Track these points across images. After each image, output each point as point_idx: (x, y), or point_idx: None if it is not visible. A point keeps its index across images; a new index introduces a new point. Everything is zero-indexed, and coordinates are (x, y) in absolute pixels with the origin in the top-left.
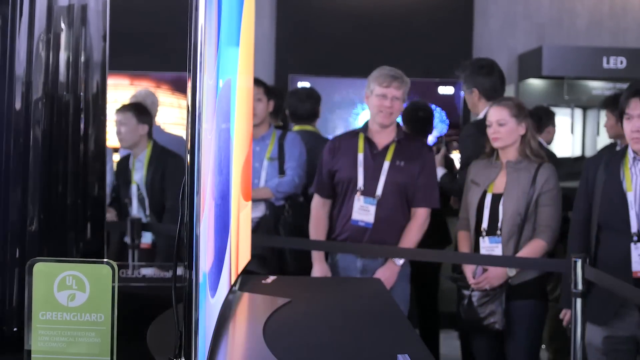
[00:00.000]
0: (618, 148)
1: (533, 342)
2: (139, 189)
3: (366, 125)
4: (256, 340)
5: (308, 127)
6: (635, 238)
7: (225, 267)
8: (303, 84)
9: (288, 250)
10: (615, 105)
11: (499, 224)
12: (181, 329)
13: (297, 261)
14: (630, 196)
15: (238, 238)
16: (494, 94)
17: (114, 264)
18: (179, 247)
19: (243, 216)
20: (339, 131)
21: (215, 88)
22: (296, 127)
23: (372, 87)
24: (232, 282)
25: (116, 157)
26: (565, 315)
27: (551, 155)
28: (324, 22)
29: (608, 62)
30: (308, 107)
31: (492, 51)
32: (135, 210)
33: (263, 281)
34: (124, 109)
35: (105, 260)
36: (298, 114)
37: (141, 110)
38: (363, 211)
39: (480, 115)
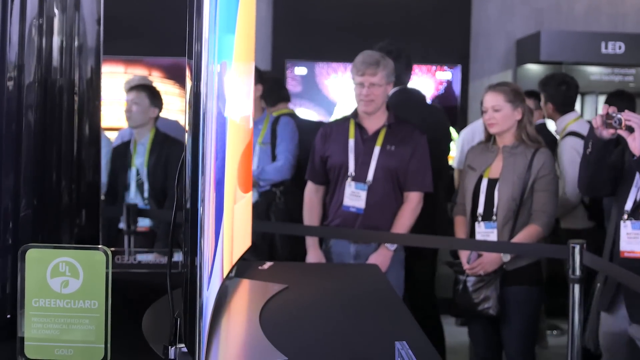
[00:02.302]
0: None
1: (528, 328)
2: (138, 173)
3: (356, 110)
4: (253, 326)
5: (284, 110)
6: (625, 216)
7: (218, 259)
8: (300, 69)
9: (278, 237)
10: (545, 86)
11: (495, 209)
12: (176, 316)
13: (287, 248)
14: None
15: (233, 228)
16: (397, 80)
17: (108, 250)
18: (174, 232)
19: (241, 206)
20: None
21: (214, 72)
22: (275, 113)
23: (352, 75)
24: (226, 273)
25: (111, 134)
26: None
27: None
28: (322, 7)
29: (606, 48)
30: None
31: (490, 36)
32: (132, 194)
33: (259, 267)
34: (138, 88)
35: (99, 246)
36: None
37: (155, 94)
38: (354, 197)
39: None
